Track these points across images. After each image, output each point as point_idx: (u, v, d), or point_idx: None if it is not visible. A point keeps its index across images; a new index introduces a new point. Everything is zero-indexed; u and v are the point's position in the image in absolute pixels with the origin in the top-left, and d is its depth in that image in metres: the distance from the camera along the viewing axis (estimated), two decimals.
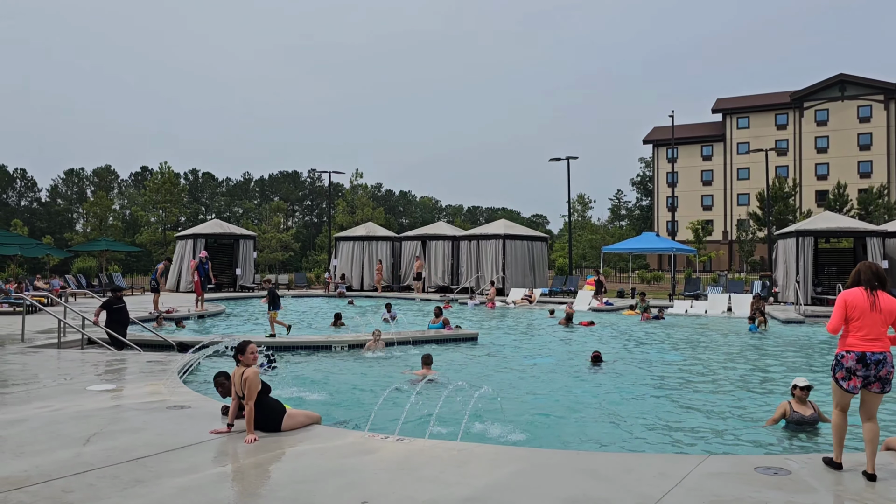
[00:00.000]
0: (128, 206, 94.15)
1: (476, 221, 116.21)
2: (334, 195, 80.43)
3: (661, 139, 79.67)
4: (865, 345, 5.77)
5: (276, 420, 6.96)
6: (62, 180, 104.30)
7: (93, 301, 24.10)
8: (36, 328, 16.17)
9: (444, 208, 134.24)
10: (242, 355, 6.96)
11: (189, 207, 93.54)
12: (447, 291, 35.61)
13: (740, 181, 77.70)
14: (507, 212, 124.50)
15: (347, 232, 41.44)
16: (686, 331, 20.41)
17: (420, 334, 16.83)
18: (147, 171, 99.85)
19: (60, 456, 6.04)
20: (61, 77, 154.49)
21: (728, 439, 8.29)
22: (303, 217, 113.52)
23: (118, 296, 14.39)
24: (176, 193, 67.56)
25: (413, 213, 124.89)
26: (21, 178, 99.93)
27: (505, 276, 34.60)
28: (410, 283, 38.06)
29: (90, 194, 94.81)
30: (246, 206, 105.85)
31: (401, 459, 6.05)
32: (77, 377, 10.14)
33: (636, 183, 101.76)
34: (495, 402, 8.94)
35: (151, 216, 73.83)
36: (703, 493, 5.17)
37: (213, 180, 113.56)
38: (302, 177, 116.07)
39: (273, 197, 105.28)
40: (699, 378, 12.53)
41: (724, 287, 31.54)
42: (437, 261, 37.50)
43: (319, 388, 10.79)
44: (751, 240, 59.70)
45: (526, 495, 5.11)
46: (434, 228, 40.53)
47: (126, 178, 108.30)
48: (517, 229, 37.65)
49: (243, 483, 5.56)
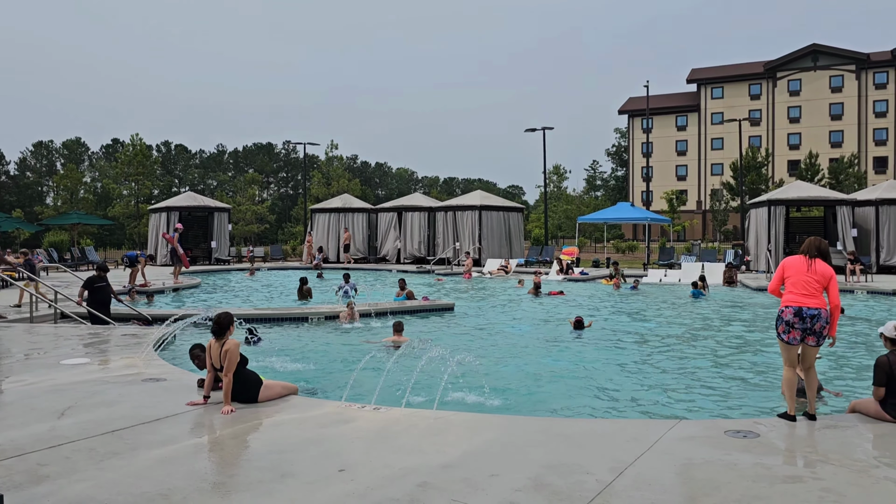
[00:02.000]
0: (99, 179, 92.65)
1: (452, 193, 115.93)
2: (309, 167, 79.75)
3: (637, 109, 79.83)
4: (801, 300, 6.37)
5: (253, 391, 6.98)
6: (31, 153, 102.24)
7: (65, 276, 23.83)
8: (7, 302, 15.97)
9: (421, 180, 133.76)
10: (227, 329, 6.94)
11: (162, 180, 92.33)
12: (423, 262, 35.65)
13: (714, 151, 78.27)
14: (483, 183, 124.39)
15: (323, 204, 41.25)
16: (659, 299, 20.65)
17: (398, 305, 16.88)
18: (118, 144, 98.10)
19: (35, 430, 6.02)
20: (29, 46, 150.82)
21: (700, 404, 8.45)
22: (278, 189, 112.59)
23: (101, 274, 14.12)
24: (148, 166, 66.53)
25: (389, 185, 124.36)
26: None
27: (481, 247, 34.70)
28: (385, 254, 38.08)
29: (60, 167, 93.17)
30: (220, 179, 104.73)
31: (378, 428, 6.10)
32: (51, 351, 10.06)
33: (611, 153, 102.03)
34: (472, 370, 9.02)
35: (124, 189, 72.76)
36: (674, 457, 5.29)
37: (186, 152, 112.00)
38: (276, 148, 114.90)
39: (247, 169, 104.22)
40: (672, 345, 12.72)
41: (698, 256, 31.91)
42: (413, 232, 37.48)
43: (296, 359, 10.80)
44: (724, 209, 60.37)
45: (502, 462, 5.19)
46: (410, 200, 40.45)
47: (97, 151, 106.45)
48: (493, 200, 37.70)
49: (221, 453, 5.58)
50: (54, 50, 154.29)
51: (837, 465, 5.14)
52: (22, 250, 26.75)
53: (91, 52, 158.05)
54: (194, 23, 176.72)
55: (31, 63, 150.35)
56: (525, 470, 5.00)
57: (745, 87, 77.41)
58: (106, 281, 14.12)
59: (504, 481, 4.78)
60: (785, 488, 4.68)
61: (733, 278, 25.02)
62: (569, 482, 4.75)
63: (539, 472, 4.96)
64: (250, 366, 7.28)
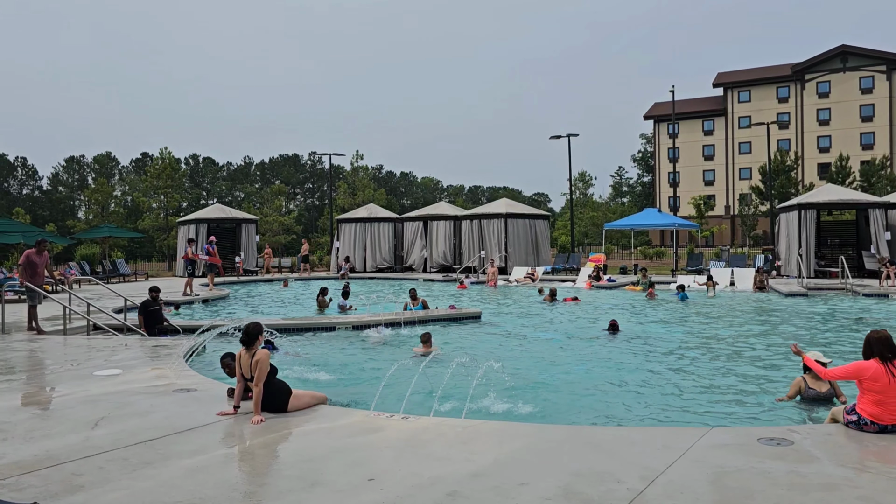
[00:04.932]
0: (129, 193, 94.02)
1: (478, 201, 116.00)
2: (335, 177, 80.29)
3: (662, 115, 79.29)
4: (889, 418, 6.09)
5: (282, 401, 7.02)
6: (63, 168, 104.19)
7: (97, 288, 24.17)
8: (41, 315, 16.21)
9: (446, 188, 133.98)
10: (257, 339, 7.01)
11: (190, 192, 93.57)
12: (450, 271, 35.66)
13: (742, 155, 77.41)
14: (508, 191, 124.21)
15: (349, 214, 41.43)
16: (690, 305, 20.44)
17: (424, 314, 16.88)
18: (147, 157, 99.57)
19: (70, 440, 6.10)
20: (59, 64, 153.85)
21: (732, 412, 8.34)
22: (304, 200, 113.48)
23: (153, 296, 14.28)
24: (177, 179, 67.39)
25: (414, 194, 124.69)
26: (22, 166, 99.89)
27: (507, 255, 34.63)
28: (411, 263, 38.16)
29: (91, 181, 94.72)
30: (247, 191, 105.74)
31: (406, 437, 6.10)
32: (84, 363, 10.21)
33: (637, 159, 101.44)
34: (500, 378, 8.99)
35: (153, 202, 73.74)
36: (706, 465, 5.22)
37: (213, 165, 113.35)
38: (302, 160, 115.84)
39: (274, 180, 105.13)
40: (702, 351, 12.57)
41: (727, 262, 31.56)
42: (439, 241, 37.49)
43: (324, 368, 10.84)
44: (753, 214, 59.59)
45: (531, 470, 5.16)
46: (436, 209, 40.50)
47: (127, 165, 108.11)
48: (519, 208, 37.63)
49: (251, 463, 5.62)
50: (84, 66, 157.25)
51: (875, 472, 5.04)
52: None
53: (119, 67, 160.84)
54: (222, 38, 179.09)
55: (61, 79, 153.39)
56: (555, 478, 4.96)
57: (772, 90, 76.55)
58: (159, 304, 14.29)
59: (534, 490, 4.75)
60: (820, 496, 4.60)
61: (764, 283, 24.70)
62: (599, 490, 4.71)
63: (569, 480, 4.92)
64: (280, 375, 7.32)
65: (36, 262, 14.13)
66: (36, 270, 14.12)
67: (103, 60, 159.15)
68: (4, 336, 13.41)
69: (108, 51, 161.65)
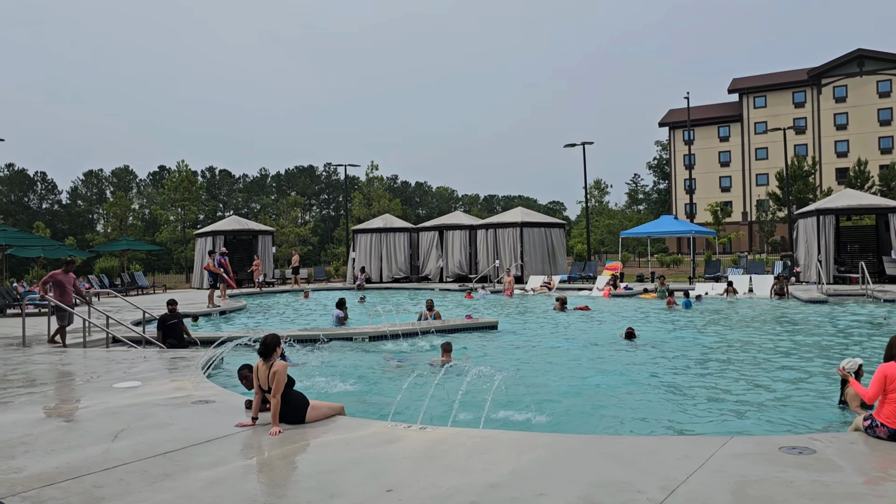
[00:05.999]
0: (147, 206, 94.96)
1: (493, 210, 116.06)
2: (350, 188, 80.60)
3: (677, 121, 79.01)
4: None
5: (300, 412, 7.02)
6: (82, 182, 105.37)
7: (116, 300, 24.36)
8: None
9: (461, 198, 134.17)
10: (275, 351, 7.01)
11: (207, 205, 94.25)
12: (466, 281, 35.66)
13: (758, 161, 76.98)
14: (523, 199, 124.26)
15: (365, 224, 41.58)
16: (705, 313, 20.29)
17: (440, 324, 16.87)
18: (165, 170, 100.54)
19: (90, 452, 6.14)
20: (77, 80, 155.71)
21: (752, 421, 8.25)
22: (320, 211, 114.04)
23: (171, 309, 14.30)
24: (194, 191, 67.93)
25: (430, 204, 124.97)
26: (41, 180, 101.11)
27: (523, 264, 34.57)
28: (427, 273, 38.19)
29: (109, 195, 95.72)
30: (263, 202, 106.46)
31: (425, 448, 6.09)
32: (103, 375, 10.28)
33: (653, 166, 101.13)
34: (517, 387, 8.97)
35: (171, 214, 74.41)
36: (727, 474, 5.16)
37: (230, 177, 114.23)
38: (318, 171, 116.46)
39: (290, 192, 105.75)
40: (720, 359, 12.47)
41: (745, 268, 31.33)
42: (455, 251, 37.52)
43: (341, 379, 10.86)
44: (771, 220, 59.16)
45: (550, 481, 5.13)
46: (451, 218, 40.56)
47: (144, 178, 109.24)
48: (534, 217, 37.59)
49: (270, 474, 5.63)
50: (101, 80, 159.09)
51: None
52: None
53: (137, 81, 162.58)
54: (236, 50, 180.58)
55: (79, 94, 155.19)
56: (574, 489, 4.93)
57: (788, 96, 76.11)
58: (178, 317, 14.30)
59: (553, 500, 4.72)
60: None
61: (783, 290, 24.49)
62: (619, 501, 4.67)
63: (588, 490, 4.89)
64: (297, 386, 7.34)
65: (63, 281, 14.22)
66: (65, 289, 14.20)
67: (119, 75, 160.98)
68: (25, 349, 13.54)
69: (124, 65, 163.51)
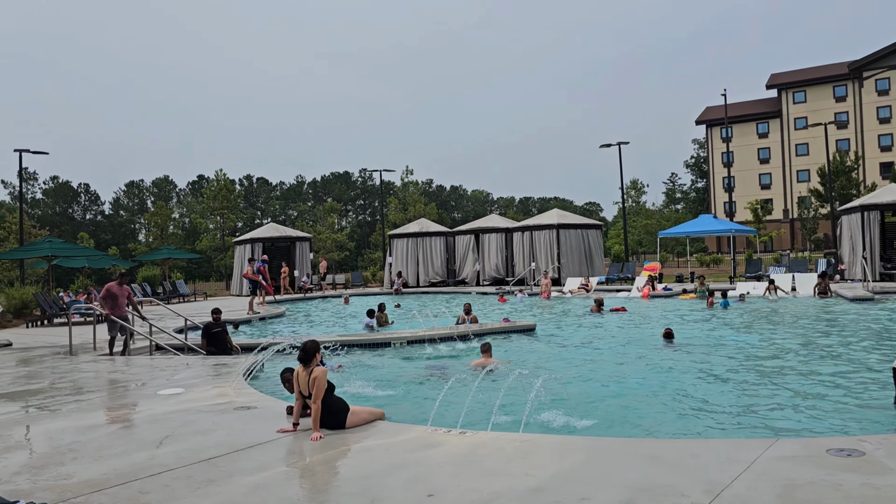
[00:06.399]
0: (187, 215, 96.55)
1: (528, 212, 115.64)
2: (386, 193, 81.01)
3: (715, 119, 77.93)
4: None
5: (340, 417, 7.07)
6: (123, 192, 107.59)
7: (158, 309, 24.78)
8: (106, 337, 16.69)
9: (496, 201, 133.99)
10: (314, 357, 7.07)
11: (245, 213, 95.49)
12: (503, 284, 35.58)
13: (799, 157, 75.54)
14: (559, 201, 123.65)
15: (401, 229, 41.74)
16: (746, 312, 19.96)
17: (477, 327, 16.85)
18: (203, 180, 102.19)
19: (136, 458, 6.26)
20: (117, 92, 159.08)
21: (798, 422, 8.09)
22: (356, 216, 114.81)
23: (215, 318, 14.48)
24: (232, 199, 68.91)
25: (465, 207, 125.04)
26: (85, 192, 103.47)
27: (560, 266, 34.38)
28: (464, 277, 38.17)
29: (150, 205, 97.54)
30: (300, 209, 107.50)
31: (465, 452, 6.08)
32: (147, 382, 10.47)
33: (690, 165, 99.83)
34: (557, 390, 8.91)
35: (210, 223, 75.53)
36: (773, 478, 5.06)
37: (267, 185, 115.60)
38: (353, 177, 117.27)
39: (326, 198, 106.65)
40: (763, 359, 12.25)
41: (788, 267, 30.78)
42: (491, 254, 37.46)
43: (381, 384, 10.90)
44: (813, 217, 57.99)
45: (592, 484, 5.09)
46: (487, 221, 40.52)
47: (184, 188, 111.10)
48: (570, 218, 37.37)
49: (312, 479, 5.67)
50: (141, 94, 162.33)
51: None
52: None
53: (175, 93, 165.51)
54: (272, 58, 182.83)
55: (120, 108, 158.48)
56: (616, 493, 4.88)
57: (829, 90, 74.58)
58: (222, 326, 14.47)
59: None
60: None
61: (827, 288, 23.98)
62: None
63: (631, 495, 4.83)
64: (337, 392, 7.38)
65: (117, 294, 14.49)
66: (117, 302, 14.47)
67: (158, 87, 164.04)
68: (72, 357, 13.85)
69: (163, 78, 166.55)
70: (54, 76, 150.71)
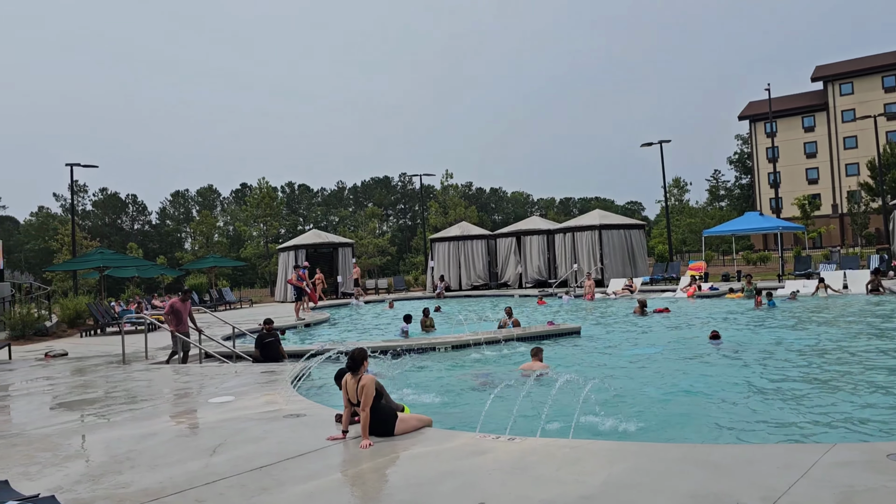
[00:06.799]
0: (231, 223, 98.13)
1: (569, 213, 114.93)
2: (426, 197, 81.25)
3: (758, 114, 76.44)
4: None
5: (389, 425, 7.11)
6: (169, 202, 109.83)
7: (205, 316, 25.22)
8: (156, 345, 17.09)
9: (536, 202, 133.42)
10: (362, 364, 7.13)
11: (288, 219, 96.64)
12: (545, 286, 35.40)
13: (847, 150, 73.64)
14: (600, 201, 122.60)
15: (442, 233, 41.81)
16: (796, 311, 19.52)
17: (521, 331, 16.80)
18: (246, 188, 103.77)
19: (191, 467, 6.37)
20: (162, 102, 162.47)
21: (855, 426, 7.88)
22: (397, 221, 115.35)
23: (268, 328, 14.49)
24: (275, 207, 69.86)
25: (505, 209, 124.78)
26: (132, 203, 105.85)
27: (603, 267, 34.10)
28: (507, 280, 38.08)
29: (195, 214, 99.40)
30: (341, 214, 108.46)
31: (514, 459, 6.06)
32: (199, 391, 10.66)
33: (734, 161, 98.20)
34: (606, 395, 8.83)
35: (253, 230, 76.67)
36: (832, 484, 4.95)
37: (308, 191, 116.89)
38: (393, 181, 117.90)
39: (367, 203, 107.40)
40: (817, 361, 11.97)
41: (838, 263, 30.02)
42: (533, 256, 37.31)
43: (427, 390, 10.93)
44: (864, 212, 56.45)
45: (645, 491, 5.03)
46: (528, 223, 40.36)
47: (227, 196, 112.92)
48: (613, 218, 37.02)
49: (363, 487, 5.71)
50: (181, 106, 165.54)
51: None
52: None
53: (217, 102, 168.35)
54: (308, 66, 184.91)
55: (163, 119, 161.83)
56: (670, 500, 4.81)
57: (877, 81, 72.59)
58: (275, 336, 14.50)
59: None
60: None
61: (879, 285, 23.35)
62: None
63: (685, 502, 4.76)
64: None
65: (181, 310, 14.74)
66: (181, 318, 14.74)
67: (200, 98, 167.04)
68: (125, 366, 14.17)
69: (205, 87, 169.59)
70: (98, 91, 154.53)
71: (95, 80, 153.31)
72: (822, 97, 76.28)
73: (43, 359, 16.40)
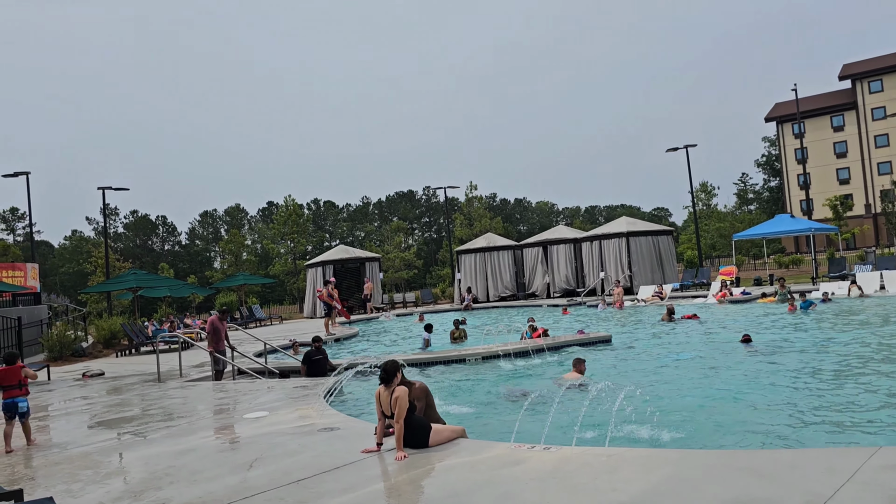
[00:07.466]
0: (259, 241, 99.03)
1: (595, 221, 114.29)
2: (451, 209, 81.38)
3: (785, 115, 75.62)
4: None
5: (423, 436, 7.10)
6: (198, 222, 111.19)
7: (236, 334, 25.44)
8: (190, 363, 17.28)
9: (562, 211, 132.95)
10: (395, 377, 7.15)
11: (314, 236, 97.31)
12: (573, 295, 35.21)
13: (879, 149, 72.45)
14: (626, 208, 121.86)
15: (468, 245, 41.79)
16: (831, 314, 19.20)
17: (552, 341, 16.72)
18: (273, 206, 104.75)
19: (229, 482, 6.42)
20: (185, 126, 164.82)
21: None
22: (422, 234, 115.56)
23: (317, 346, 14.52)
24: (301, 224, 70.39)
25: (530, 219, 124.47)
26: (162, 224, 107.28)
27: (632, 275, 33.83)
28: (535, 290, 37.94)
29: (224, 233, 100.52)
30: (367, 229, 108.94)
31: (550, 468, 6.02)
32: (233, 406, 10.75)
33: (761, 164, 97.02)
34: (641, 403, 8.74)
35: (281, 248, 77.30)
36: (879, 488, 4.84)
37: (333, 207, 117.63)
38: (417, 195, 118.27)
39: (392, 217, 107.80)
40: (856, 363, 11.75)
41: (874, 264, 29.49)
42: (560, 265, 37.16)
43: (459, 401, 10.91)
44: None
45: (683, 500, 4.97)
46: (554, 233, 40.21)
47: (255, 214, 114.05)
48: (640, 225, 36.77)
49: (399, 499, 5.70)
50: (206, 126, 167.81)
51: None
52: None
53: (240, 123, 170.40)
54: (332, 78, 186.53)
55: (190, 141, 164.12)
56: None
57: None
58: (323, 353, 14.49)
59: None
60: None
61: None
62: None
63: None
64: None
65: (220, 328, 14.87)
66: (220, 336, 14.86)
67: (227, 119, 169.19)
68: (160, 384, 14.34)
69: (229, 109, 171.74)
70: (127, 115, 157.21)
71: (130, 109, 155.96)
72: (851, 95, 75.23)
73: (81, 379, 16.65)
